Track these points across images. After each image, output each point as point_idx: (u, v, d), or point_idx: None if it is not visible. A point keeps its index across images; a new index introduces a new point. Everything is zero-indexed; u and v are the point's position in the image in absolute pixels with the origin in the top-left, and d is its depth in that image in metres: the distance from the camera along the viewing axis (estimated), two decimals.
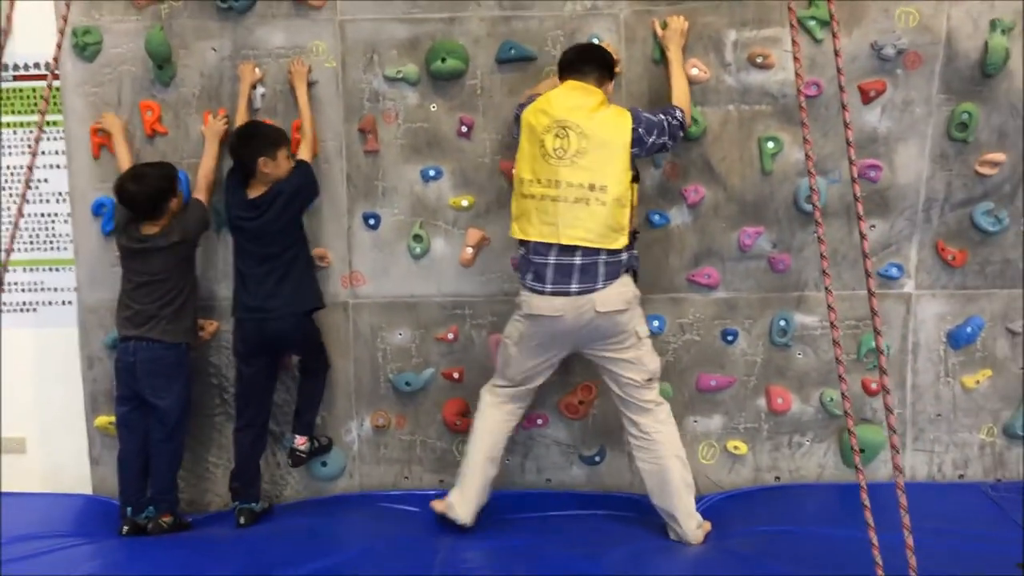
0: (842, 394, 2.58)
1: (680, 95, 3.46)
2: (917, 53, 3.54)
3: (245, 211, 3.57)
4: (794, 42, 2.51)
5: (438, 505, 3.50)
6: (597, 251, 3.23)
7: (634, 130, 3.24)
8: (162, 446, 3.63)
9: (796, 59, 2.53)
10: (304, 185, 3.63)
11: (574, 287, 3.23)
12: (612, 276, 3.26)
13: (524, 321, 3.35)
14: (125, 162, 3.69)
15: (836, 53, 2.54)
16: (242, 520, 3.63)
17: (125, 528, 3.57)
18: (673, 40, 3.54)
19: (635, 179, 3.32)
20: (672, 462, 3.34)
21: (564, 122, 3.21)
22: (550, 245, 3.24)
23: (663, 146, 3.36)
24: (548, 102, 3.27)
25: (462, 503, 3.44)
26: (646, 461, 3.37)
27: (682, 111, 3.39)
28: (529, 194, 3.24)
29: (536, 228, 3.24)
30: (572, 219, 3.19)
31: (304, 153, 3.65)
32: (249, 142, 3.53)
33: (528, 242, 3.29)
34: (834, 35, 2.50)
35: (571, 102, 3.25)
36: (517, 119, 3.39)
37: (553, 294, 3.25)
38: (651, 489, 3.39)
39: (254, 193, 3.57)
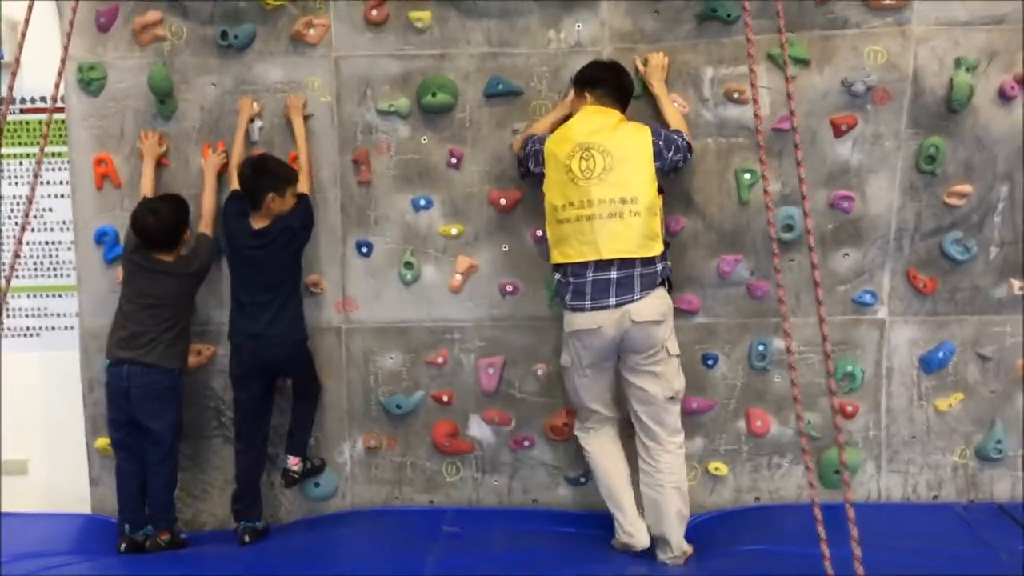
0: (832, 408, 2.67)
1: (677, 121, 3.62)
2: (886, 89, 3.69)
3: (250, 241, 3.69)
4: (753, 85, 2.65)
5: (617, 544, 3.60)
6: (632, 263, 3.35)
7: (654, 143, 3.41)
8: (158, 467, 3.75)
9: (755, 101, 2.67)
10: (308, 220, 3.77)
11: (612, 300, 3.36)
12: (648, 287, 3.39)
13: (570, 341, 3.49)
14: (148, 185, 3.83)
15: (789, 96, 2.67)
16: (246, 538, 3.74)
17: (123, 545, 3.68)
18: (655, 75, 3.70)
19: (660, 191, 3.46)
20: (671, 493, 3.44)
21: (586, 144, 3.36)
22: (586, 264, 3.36)
23: (679, 163, 3.52)
24: (569, 129, 3.45)
25: (634, 531, 3.55)
26: (648, 486, 3.47)
27: (685, 134, 3.56)
28: (564, 219, 3.37)
29: (576, 249, 3.37)
30: (609, 234, 3.32)
31: (303, 186, 3.78)
32: (261, 176, 3.63)
33: (565, 265, 3.42)
34: (787, 79, 2.63)
35: (591, 126, 3.42)
36: (537, 154, 3.52)
37: (593, 309, 3.37)
38: (647, 511, 3.50)
39: (258, 224, 3.69)
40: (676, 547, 3.45)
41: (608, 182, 3.33)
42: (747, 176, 3.77)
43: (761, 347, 3.88)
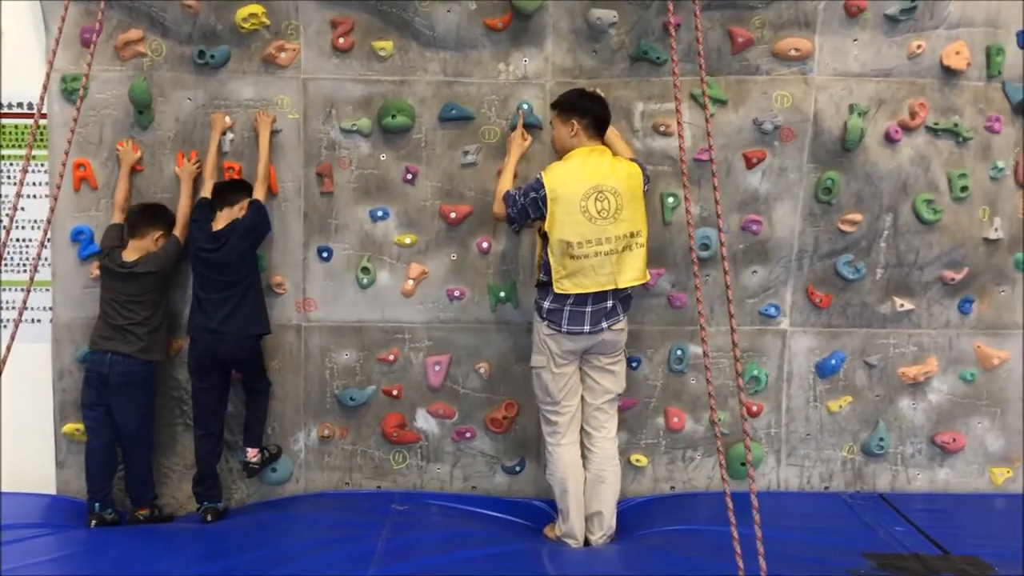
0: (744, 409, 3.10)
1: (632, 152, 3.99)
2: (790, 129, 4.14)
3: (206, 244, 4.00)
4: (679, 122, 3.09)
5: (551, 533, 3.93)
6: (620, 291, 3.71)
7: (644, 179, 3.75)
8: (134, 449, 4.05)
9: (680, 135, 3.08)
10: (258, 222, 4.07)
11: (605, 323, 3.72)
12: (628, 308, 3.83)
13: (549, 342, 3.75)
14: (123, 188, 4.11)
15: (708, 133, 3.07)
16: (208, 518, 4.03)
17: (93, 522, 3.94)
18: (617, 141, 4.01)
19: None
20: (612, 476, 3.86)
21: (599, 187, 3.61)
22: (587, 296, 3.66)
23: (646, 193, 3.83)
24: (574, 171, 3.66)
25: (576, 532, 3.85)
26: (592, 470, 3.84)
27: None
28: (582, 255, 3.60)
29: (594, 280, 3.64)
30: (623, 266, 3.65)
31: (258, 193, 4.07)
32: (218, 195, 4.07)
33: (567, 296, 3.67)
34: (706, 118, 3.00)
35: (595, 167, 3.66)
36: (535, 202, 3.66)
37: (591, 333, 3.72)
38: (588, 490, 3.84)
39: (217, 226, 4.02)
40: (607, 525, 3.85)
41: (620, 220, 3.62)
42: (671, 200, 4.20)
43: (679, 352, 4.31)
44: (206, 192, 4.11)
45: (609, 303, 3.72)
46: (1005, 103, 4.25)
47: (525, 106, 4.17)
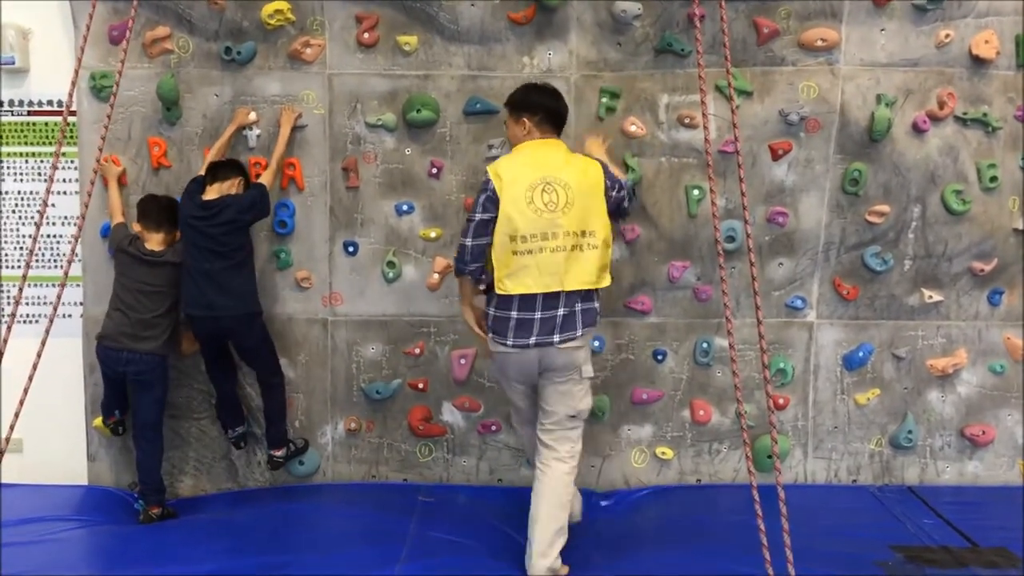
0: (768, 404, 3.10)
1: (620, 175, 3.72)
2: (816, 120, 4.12)
3: (198, 211, 3.95)
4: (704, 113, 3.08)
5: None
6: (576, 301, 3.35)
7: (606, 178, 3.45)
8: (146, 444, 4.09)
9: (705, 127, 3.09)
10: (258, 201, 4.01)
11: (556, 337, 3.34)
12: (589, 323, 3.40)
13: (498, 359, 3.48)
14: (115, 202, 4.17)
15: (733, 124, 3.06)
16: (242, 444, 4.32)
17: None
18: (595, 150, 3.94)
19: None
20: (553, 506, 3.40)
21: (547, 178, 3.32)
22: (534, 300, 3.32)
23: (621, 201, 3.57)
24: (522, 163, 3.40)
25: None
26: (535, 493, 3.45)
27: (626, 182, 3.64)
28: (526, 250, 3.28)
29: (536, 280, 3.29)
30: (572, 267, 3.31)
31: (265, 179, 4.08)
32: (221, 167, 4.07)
33: (511, 298, 3.34)
34: (732, 109, 2.97)
35: (544, 159, 3.40)
36: (488, 200, 3.37)
37: (537, 345, 3.34)
38: (529, 519, 3.43)
39: (207, 197, 3.98)
40: (541, 557, 3.36)
41: (570, 215, 3.31)
42: (696, 192, 4.19)
43: (705, 345, 4.30)
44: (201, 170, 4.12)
45: (560, 312, 3.34)
46: None
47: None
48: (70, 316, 4.42)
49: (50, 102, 4.41)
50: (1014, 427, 4.40)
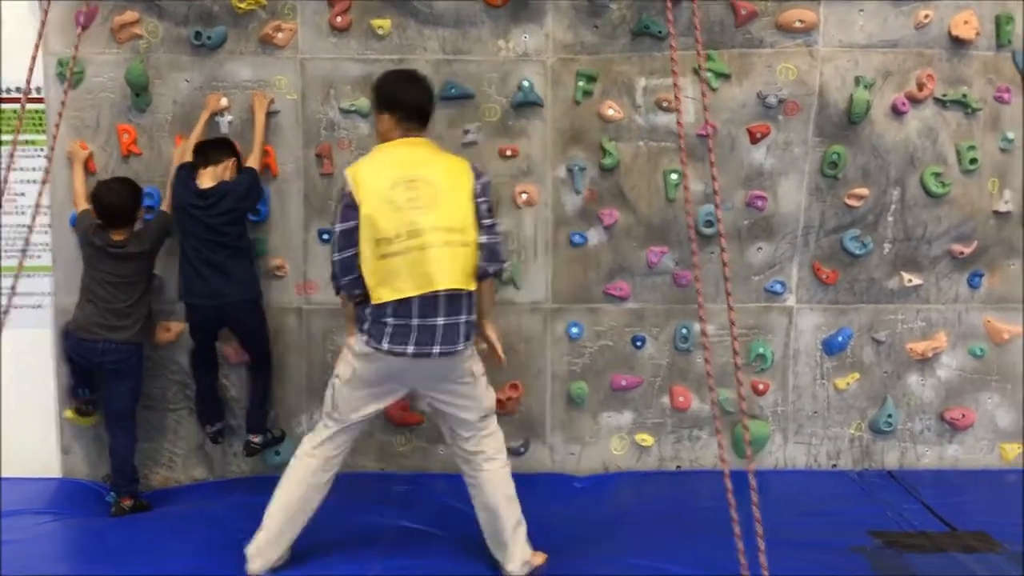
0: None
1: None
2: (795, 102, 4.10)
3: (196, 200, 3.90)
4: (676, 96, 3.05)
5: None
6: (459, 310, 3.17)
7: (475, 181, 3.21)
8: (120, 434, 4.04)
9: (678, 111, 3.06)
10: (252, 187, 3.98)
11: (436, 348, 3.14)
12: (469, 336, 3.24)
13: (359, 362, 3.25)
14: (79, 188, 4.10)
15: (705, 108, 3.02)
16: (218, 440, 4.27)
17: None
18: None
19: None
20: (502, 503, 3.33)
21: (409, 176, 3.14)
22: (410, 306, 3.11)
23: (489, 211, 3.24)
24: (383, 163, 3.22)
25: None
26: (478, 500, 3.36)
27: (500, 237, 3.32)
28: (394, 252, 3.08)
29: (408, 283, 3.09)
30: (443, 266, 3.10)
31: (252, 163, 4.04)
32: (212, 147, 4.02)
33: (385, 305, 3.12)
34: (703, 93, 2.95)
35: (408, 158, 3.22)
36: (348, 208, 3.16)
37: (416, 356, 3.14)
38: (483, 528, 3.38)
39: (203, 185, 3.92)
40: (515, 554, 3.33)
41: (436, 211, 3.10)
42: (674, 176, 4.16)
43: (684, 330, 4.28)
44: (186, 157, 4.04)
45: (440, 321, 3.14)
46: (1015, 73, 4.17)
47: (526, 83, 4.12)
48: (40, 307, 4.34)
49: (18, 89, 4.32)
50: (994, 410, 4.40)
